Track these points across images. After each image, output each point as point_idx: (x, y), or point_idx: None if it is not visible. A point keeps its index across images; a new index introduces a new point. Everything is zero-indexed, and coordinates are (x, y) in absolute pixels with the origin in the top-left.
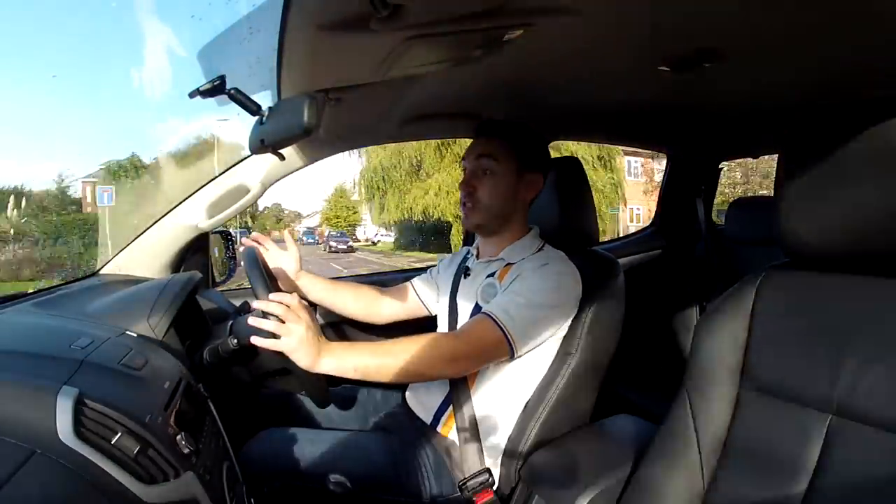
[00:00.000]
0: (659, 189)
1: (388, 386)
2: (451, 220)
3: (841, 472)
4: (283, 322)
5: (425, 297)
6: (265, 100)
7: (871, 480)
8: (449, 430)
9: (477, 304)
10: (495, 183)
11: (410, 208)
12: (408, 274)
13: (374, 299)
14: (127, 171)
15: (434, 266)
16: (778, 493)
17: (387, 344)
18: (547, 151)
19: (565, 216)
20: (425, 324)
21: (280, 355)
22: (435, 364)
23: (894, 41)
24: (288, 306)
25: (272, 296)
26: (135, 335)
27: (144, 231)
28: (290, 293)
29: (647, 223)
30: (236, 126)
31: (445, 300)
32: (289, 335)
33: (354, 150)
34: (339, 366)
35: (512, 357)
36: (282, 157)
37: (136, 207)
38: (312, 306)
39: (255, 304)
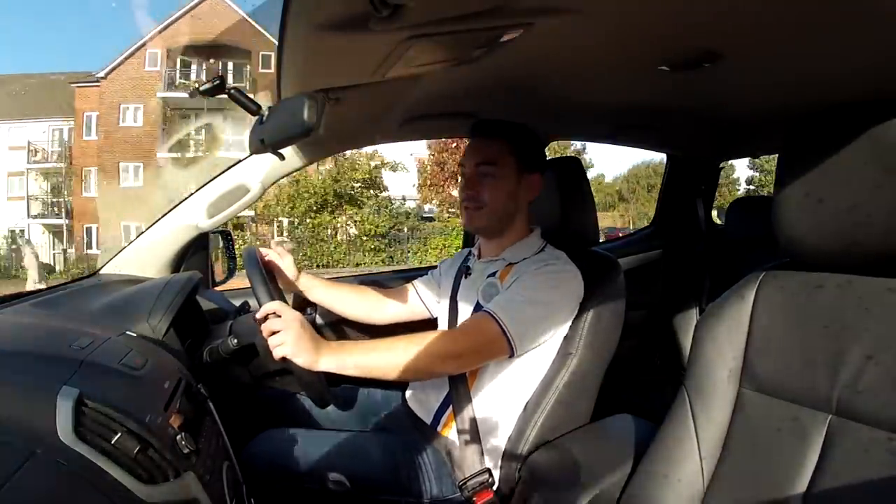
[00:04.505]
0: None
1: (388, 386)
2: None
3: (840, 471)
4: (277, 331)
5: (427, 298)
6: (265, 100)
7: (870, 480)
8: (449, 431)
9: (478, 304)
10: (497, 186)
11: None
12: (408, 274)
13: (376, 300)
14: None
15: (436, 268)
16: (778, 493)
17: (386, 341)
18: (544, 151)
19: (566, 216)
20: (426, 325)
21: (282, 358)
22: (434, 361)
23: (894, 42)
24: (275, 312)
25: (263, 308)
26: (135, 335)
27: (144, 231)
28: (290, 293)
29: None
30: None
31: (446, 300)
32: (284, 337)
33: None
34: (338, 363)
35: (512, 355)
36: (282, 157)
37: None
38: (313, 307)
39: (258, 315)
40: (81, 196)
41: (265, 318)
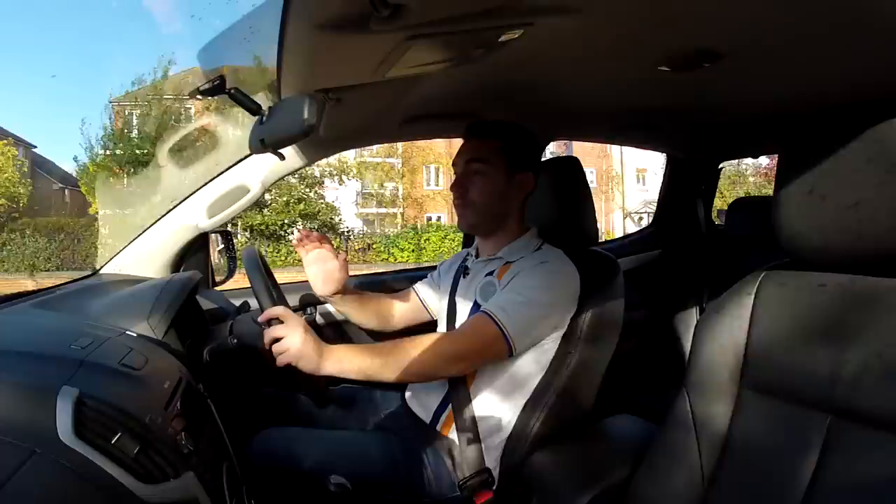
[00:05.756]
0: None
1: (387, 386)
2: None
3: (840, 472)
4: (280, 337)
5: (429, 301)
6: (265, 100)
7: (870, 480)
8: (449, 430)
9: (476, 303)
10: (486, 183)
11: None
12: (410, 274)
13: (389, 311)
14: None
15: (436, 268)
16: (778, 494)
17: (387, 345)
18: (538, 150)
19: (565, 216)
20: (431, 327)
21: (287, 365)
22: (435, 364)
23: (894, 42)
24: (279, 318)
25: (266, 313)
26: (135, 335)
27: (144, 231)
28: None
29: None
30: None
31: (445, 300)
32: (287, 344)
33: None
34: (341, 368)
35: (511, 355)
36: (282, 157)
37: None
38: (313, 305)
39: (261, 319)
40: (422, 188)
41: (268, 323)
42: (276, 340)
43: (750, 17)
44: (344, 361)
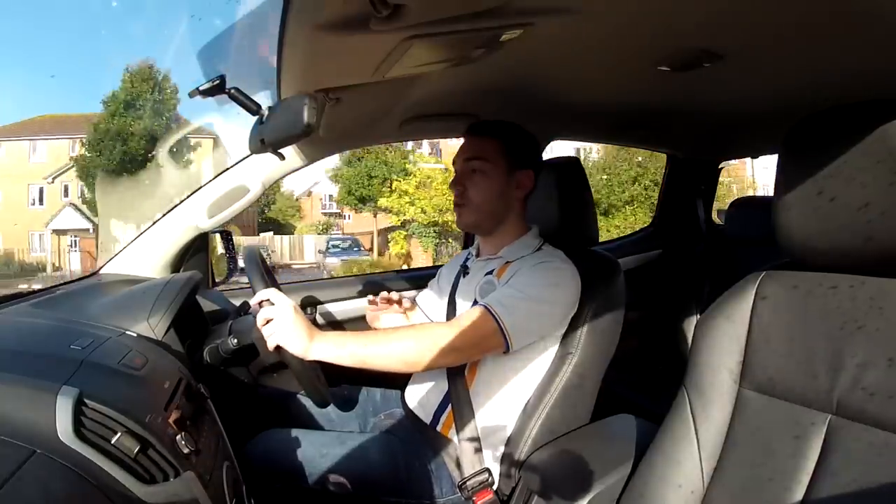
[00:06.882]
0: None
1: (387, 386)
2: None
3: (840, 472)
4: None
5: (436, 316)
6: (265, 100)
7: (870, 480)
8: (448, 430)
9: (475, 301)
10: (485, 182)
11: None
12: (410, 275)
13: None
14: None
15: (435, 278)
16: (778, 494)
17: (382, 332)
18: (538, 150)
19: (565, 216)
20: None
21: (276, 349)
22: (429, 353)
23: (893, 42)
24: (269, 299)
25: (257, 295)
26: (135, 335)
27: (145, 231)
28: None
29: None
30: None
31: (445, 298)
32: (276, 325)
33: None
34: (332, 352)
35: (507, 350)
36: (282, 157)
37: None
38: (313, 306)
39: (252, 301)
40: None
41: (259, 306)
42: (267, 324)
43: (750, 18)
44: (335, 345)
